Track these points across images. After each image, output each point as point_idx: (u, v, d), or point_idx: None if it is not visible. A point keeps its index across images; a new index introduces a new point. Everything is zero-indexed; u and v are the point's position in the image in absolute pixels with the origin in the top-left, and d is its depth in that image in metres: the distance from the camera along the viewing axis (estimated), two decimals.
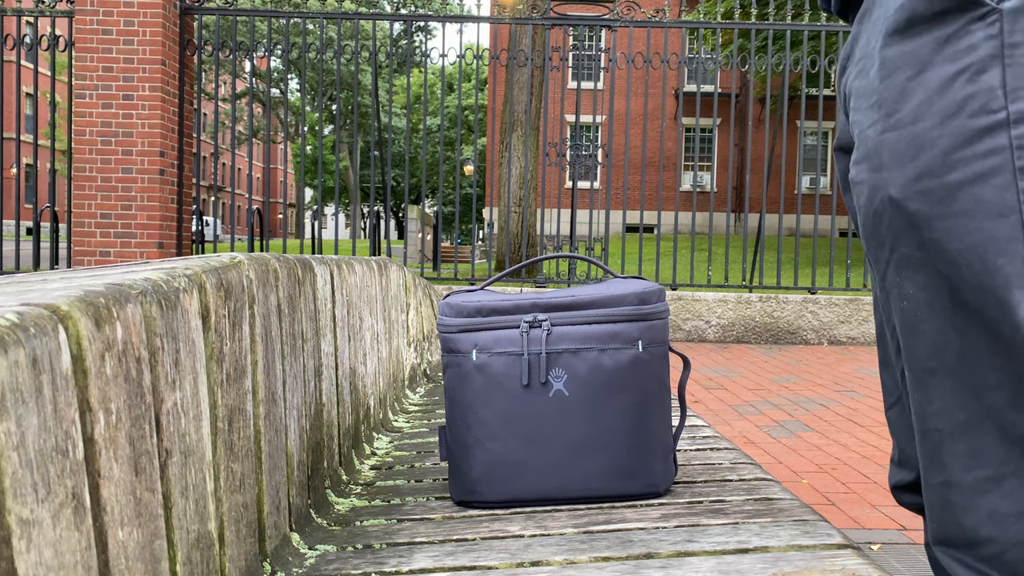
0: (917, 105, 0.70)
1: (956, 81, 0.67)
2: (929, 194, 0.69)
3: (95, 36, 6.36)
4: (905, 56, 0.71)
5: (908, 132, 0.70)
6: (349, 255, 2.10)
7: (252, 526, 0.85)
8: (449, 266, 11.01)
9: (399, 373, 2.04)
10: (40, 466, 0.45)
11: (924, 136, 0.69)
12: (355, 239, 9.08)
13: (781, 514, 1.03)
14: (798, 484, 2.74)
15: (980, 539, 0.71)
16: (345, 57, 6.95)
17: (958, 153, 0.67)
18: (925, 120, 0.69)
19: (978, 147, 0.66)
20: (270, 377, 0.93)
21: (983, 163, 0.66)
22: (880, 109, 0.73)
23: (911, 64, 0.70)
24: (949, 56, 0.67)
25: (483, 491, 1.13)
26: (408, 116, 7.85)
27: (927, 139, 0.69)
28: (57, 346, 0.48)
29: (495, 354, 1.13)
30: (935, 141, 0.68)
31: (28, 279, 0.70)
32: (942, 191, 0.68)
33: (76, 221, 6.44)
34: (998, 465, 0.70)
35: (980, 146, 0.66)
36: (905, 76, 0.71)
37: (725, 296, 6.63)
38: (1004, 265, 0.65)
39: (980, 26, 0.66)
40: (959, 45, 0.67)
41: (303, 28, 6.78)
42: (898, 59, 0.71)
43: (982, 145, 0.66)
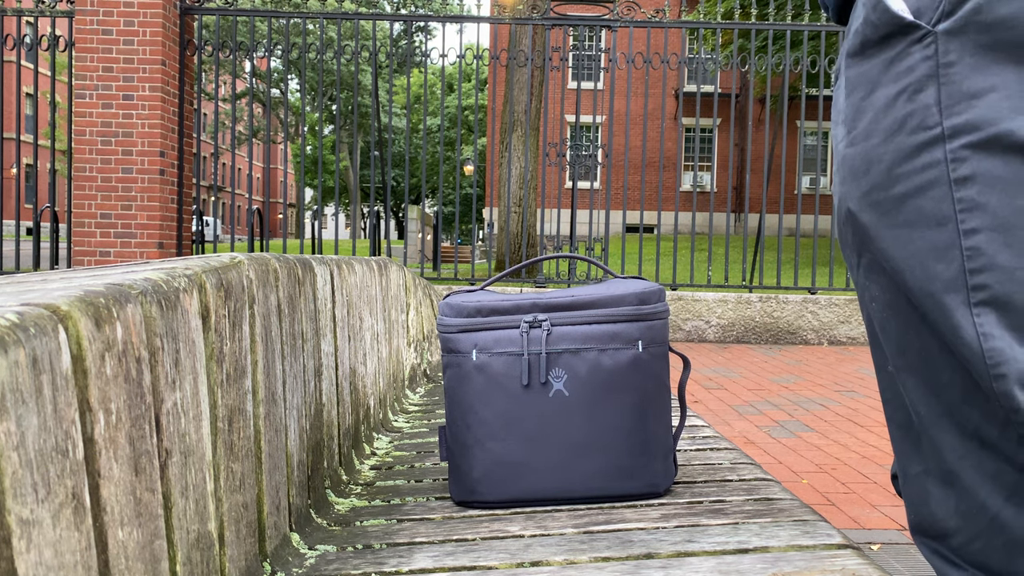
0: (868, 123, 0.75)
1: (898, 100, 0.72)
2: (877, 206, 0.74)
3: (95, 36, 6.36)
4: (860, 77, 0.76)
5: (862, 148, 0.76)
6: (349, 255, 2.10)
7: (252, 526, 0.85)
8: (449, 266, 11.02)
9: (399, 373, 2.04)
10: (40, 466, 0.45)
11: (873, 152, 0.74)
12: (355, 239, 9.08)
13: (781, 514, 1.03)
14: (798, 484, 2.74)
15: (948, 530, 0.76)
16: (345, 57, 6.95)
17: (900, 168, 0.72)
18: (874, 137, 0.74)
19: (917, 161, 0.71)
20: (270, 377, 0.93)
21: (922, 176, 0.70)
22: (843, 126, 0.79)
23: (864, 84, 0.76)
24: (893, 77, 0.73)
25: (483, 491, 1.13)
26: (408, 116, 7.86)
27: (875, 155, 0.74)
28: (57, 346, 0.48)
29: (495, 354, 1.13)
30: (881, 157, 0.73)
31: (28, 279, 0.70)
32: (888, 203, 0.73)
33: (76, 221, 6.44)
34: (957, 459, 0.74)
35: (919, 160, 0.70)
36: (859, 96, 0.76)
37: (725, 296, 6.63)
38: (942, 271, 0.70)
39: (918, 48, 0.71)
40: (901, 66, 0.72)
41: (303, 28, 6.78)
42: (855, 79, 0.77)
43: (920, 159, 0.70)
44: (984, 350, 0.68)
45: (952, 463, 0.75)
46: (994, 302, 0.68)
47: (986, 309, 0.68)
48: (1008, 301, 0.68)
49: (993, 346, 0.68)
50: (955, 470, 0.75)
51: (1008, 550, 0.72)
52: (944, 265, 0.70)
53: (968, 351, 0.69)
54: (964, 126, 0.68)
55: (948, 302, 0.70)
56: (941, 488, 0.77)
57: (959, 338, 0.70)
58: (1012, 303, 0.67)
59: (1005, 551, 0.72)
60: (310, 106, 25.13)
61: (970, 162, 0.68)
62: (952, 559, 0.76)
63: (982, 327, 0.68)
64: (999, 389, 0.68)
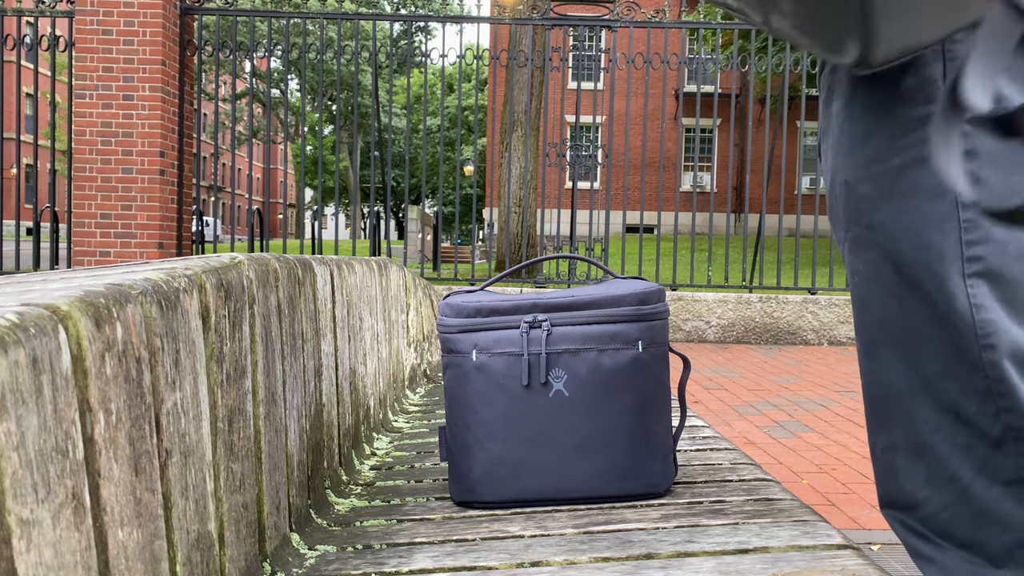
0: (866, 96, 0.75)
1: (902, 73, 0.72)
2: (875, 178, 0.75)
3: (95, 36, 6.36)
4: None
5: (861, 120, 0.76)
6: (349, 255, 2.10)
7: (252, 526, 0.85)
8: (449, 266, 11.02)
9: (399, 373, 2.04)
10: (40, 466, 0.45)
11: (873, 123, 0.75)
12: (355, 239, 9.08)
13: (781, 514, 1.03)
14: (798, 484, 2.74)
15: (917, 502, 0.77)
16: (345, 57, 6.95)
17: (901, 140, 0.72)
18: (873, 110, 0.74)
19: (918, 134, 0.71)
20: (270, 377, 0.93)
21: (923, 149, 0.71)
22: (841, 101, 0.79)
23: None
24: None
25: (483, 491, 1.13)
26: (408, 116, 7.85)
27: (875, 125, 0.74)
28: (57, 346, 0.48)
29: (495, 354, 1.13)
30: (880, 128, 0.74)
31: (28, 279, 0.70)
32: (886, 175, 0.74)
33: (76, 221, 6.44)
34: (931, 432, 0.75)
35: (920, 133, 0.71)
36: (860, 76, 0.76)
37: (725, 296, 6.63)
38: (940, 241, 0.70)
39: None
40: None
41: (303, 28, 6.78)
42: None
43: (922, 132, 0.71)
44: (976, 321, 0.69)
45: (925, 435, 0.75)
46: (988, 274, 0.69)
47: (980, 280, 0.69)
48: (1001, 273, 0.69)
49: (985, 317, 0.69)
50: (928, 443, 0.75)
51: (975, 520, 0.73)
52: (941, 236, 0.70)
53: (960, 321, 0.70)
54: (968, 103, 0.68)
55: (943, 272, 0.70)
56: (911, 460, 0.77)
57: (952, 308, 0.70)
58: (1004, 276, 0.68)
59: (972, 521, 0.73)
60: (310, 106, 25.12)
61: (972, 137, 0.68)
62: (919, 530, 0.77)
63: (975, 298, 0.69)
64: (987, 359, 0.69)
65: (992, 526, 0.72)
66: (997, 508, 0.71)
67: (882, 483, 0.82)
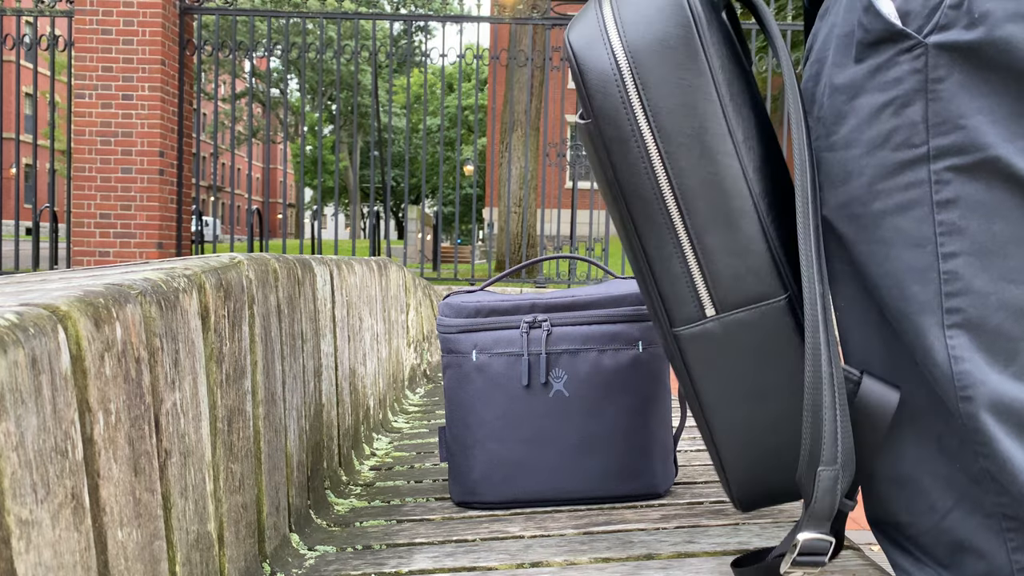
0: (849, 131, 0.73)
1: (884, 112, 0.70)
2: (855, 220, 0.73)
3: (95, 36, 6.36)
4: (846, 77, 0.74)
5: (841, 156, 0.74)
6: (349, 255, 2.10)
7: (252, 527, 0.85)
8: (449, 266, 11.02)
9: (399, 374, 2.04)
10: (39, 466, 0.45)
11: (853, 163, 0.73)
12: (355, 239, 9.08)
13: (781, 515, 1.03)
14: None
15: (901, 523, 0.78)
16: (345, 57, 6.95)
17: (882, 184, 0.71)
18: (855, 147, 0.73)
19: (900, 179, 0.69)
20: (269, 378, 0.92)
21: (904, 195, 0.69)
22: (821, 124, 0.77)
23: (849, 88, 0.74)
24: (879, 85, 0.71)
25: (483, 492, 1.13)
26: (408, 116, 7.85)
27: (856, 167, 0.73)
28: (56, 346, 0.48)
29: (495, 355, 1.13)
30: (863, 170, 0.72)
31: (27, 279, 0.70)
32: (867, 218, 0.72)
33: (75, 221, 6.44)
34: (913, 465, 0.75)
35: (902, 178, 0.69)
36: (842, 99, 0.74)
37: None
38: (918, 292, 0.69)
39: (907, 58, 0.69)
40: (888, 76, 0.70)
41: (303, 28, 6.78)
42: (840, 79, 0.75)
43: (903, 178, 0.69)
44: (954, 372, 0.68)
45: (907, 467, 0.76)
46: (967, 325, 0.68)
47: (959, 332, 0.68)
48: (980, 325, 0.68)
49: (963, 369, 0.68)
50: (910, 474, 0.76)
51: (952, 547, 0.74)
52: (920, 286, 0.69)
53: (938, 371, 0.70)
54: (950, 148, 0.67)
55: (922, 323, 0.70)
56: (891, 489, 0.78)
57: (930, 358, 0.70)
58: (984, 327, 0.68)
59: (949, 548, 0.74)
60: (310, 106, 25.12)
61: (953, 185, 0.67)
62: (904, 545, 0.78)
63: (954, 349, 0.68)
64: (964, 411, 0.69)
65: (968, 554, 0.73)
66: (973, 539, 0.72)
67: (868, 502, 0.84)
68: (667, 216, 0.68)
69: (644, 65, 0.67)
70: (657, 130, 0.66)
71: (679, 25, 0.67)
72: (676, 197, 0.67)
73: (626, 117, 0.67)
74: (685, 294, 0.70)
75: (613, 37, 0.67)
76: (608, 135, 0.67)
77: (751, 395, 0.71)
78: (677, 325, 0.70)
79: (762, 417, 0.71)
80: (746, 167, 0.67)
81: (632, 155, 0.67)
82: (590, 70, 0.68)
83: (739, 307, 0.69)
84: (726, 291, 0.68)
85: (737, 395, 0.71)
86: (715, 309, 0.69)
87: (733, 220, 0.67)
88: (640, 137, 0.67)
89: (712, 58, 0.67)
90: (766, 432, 0.72)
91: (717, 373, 0.71)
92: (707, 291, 0.69)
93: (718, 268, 0.68)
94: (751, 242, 0.67)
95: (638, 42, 0.67)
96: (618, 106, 0.67)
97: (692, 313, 0.70)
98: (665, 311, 0.71)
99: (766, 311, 0.68)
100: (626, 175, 0.68)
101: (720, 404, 0.72)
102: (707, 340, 0.70)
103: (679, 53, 0.67)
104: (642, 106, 0.67)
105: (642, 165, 0.67)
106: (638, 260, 0.71)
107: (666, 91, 0.66)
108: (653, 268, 0.70)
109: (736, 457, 0.73)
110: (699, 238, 0.68)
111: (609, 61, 0.67)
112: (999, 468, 0.68)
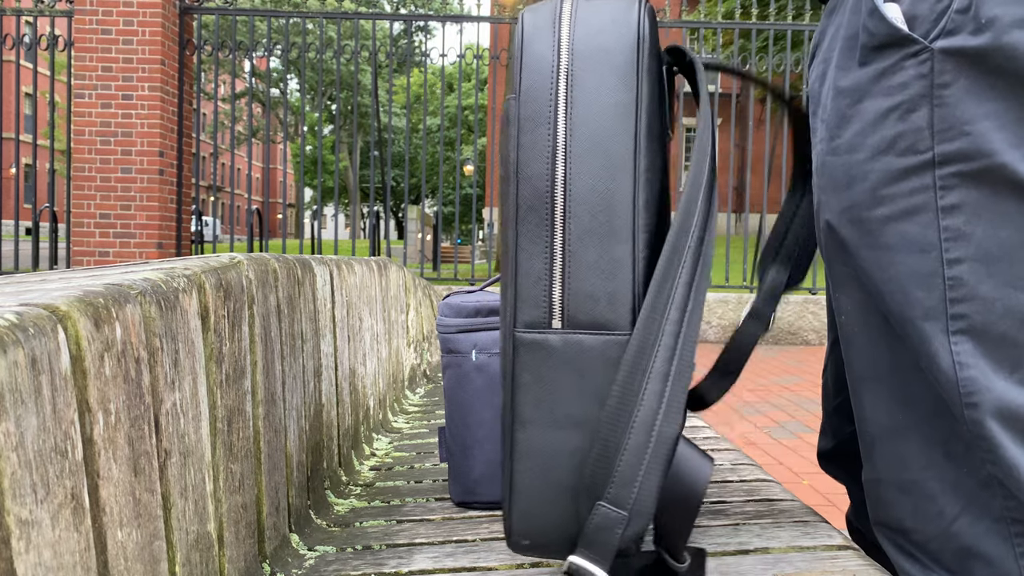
0: (853, 135, 0.72)
1: (888, 117, 0.70)
2: (859, 224, 0.73)
3: (94, 36, 6.36)
4: (850, 81, 0.73)
5: (844, 160, 0.73)
6: (349, 255, 2.10)
7: (251, 527, 0.85)
8: (449, 266, 11.01)
9: (399, 374, 2.04)
10: (39, 467, 0.45)
11: (857, 168, 0.72)
12: (355, 239, 9.08)
13: (782, 515, 1.03)
14: (798, 485, 2.74)
15: (907, 528, 0.77)
16: (345, 57, 6.95)
17: (886, 189, 0.70)
18: (859, 152, 0.72)
19: (905, 185, 0.69)
20: (269, 378, 0.92)
21: (909, 201, 0.69)
22: (825, 127, 0.77)
23: (853, 92, 0.73)
24: (884, 90, 0.70)
25: (483, 492, 1.13)
26: (408, 116, 7.84)
27: (860, 171, 0.72)
28: (56, 346, 0.48)
29: (495, 354, 1.13)
30: (867, 175, 0.71)
31: (27, 279, 0.70)
32: (870, 223, 0.72)
33: (75, 221, 6.44)
34: (920, 470, 0.75)
35: (907, 184, 0.69)
36: (846, 103, 0.73)
37: (726, 297, 6.62)
38: (923, 298, 0.69)
39: (912, 63, 0.68)
40: (893, 80, 0.70)
41: (303, 28, 6.78)
42: (844, 82, 0.74)
43: (909, 183, 0.69)
44: (959, 379, 0.68)
45: (914, 472, 0.75)
46: (972, 331, 0.68)
47: (964, 338, 0.68)
48: (985, 331, 0.67)
49: (968, 375, 0.68)
50: (916, 479, 0.75)
51: (960, 553, 0.73)
52: (925, 292, 0.69)
53: (943, 378, 0.69)
54: (956, 154, 0.67)
55: (926, 329, 0.69)
56: (897, 495, 0.78)
57: (935, 364, 0.69)
58: (989, 333, 0.67)
59: (957, 554, 0.74)
60: (309, 106, 25.13)
61: (958, 191, 0.67)
62: (911, 551, 0.78)
63: (959, 356, 0.68)
64: (970, 417, 0.68)
65: (976, 560, 0.72)
66: (981, 545, 0.72)
67: (872, 506, 0.83)
68: (551, 211, 0.65)
69: (581, 63, 0.66)
70: (571, 126, 0.66)
71: (625, 42, 0.66)
72: (565, 195, 0.65)
73: (548, 102, 0.66)
74: (539, 297, 0.66)
75: (563, 29, 0.67)
76: (525, 114, 0.67)
77: (569, 422, 0.66)
78: (519, 327, 0.66)
79: (572, 449, 0.66)
80: (638, 195, 0.65)
81: (540, 141, 0.66)
82: (531, 51, 0.67)
83: (584, 329, 0.65)
84: (577, 308, 0.65)
85: (554, 417, 0.66)
86: (561, 322, 0.65)
87: (609, 240, 0.65)
88: (554, 125, 0.66)
89: (643, 84, 0.66)
90: (571, 467, 0.66)
91: (542, 388, 0.66)
92: (560, 301, 0.65)
93: (579, 281, 0.65)
94: (618, 268, 0.64)
95: (583, 41, 0.67)
96: (545, 89, 0.66)
97: (538, 318, 0.66)
98: (515, 308, 0.67)
99: (608, 341, 0.65)
100: (527, 158, 0.66)
101: (534, 422, 0.66)
102: (543, 351, 0.66)
103: (617, 66, 0.66)
104: (566, 97, 0.66)
105: (545, 153, 0.66)
106: (508, 250, 0.67)
107: (592, 94, 0.66)
108: (519, 260, 0.66)
109: (530, 484, 0.67)
110: (572, 245, 0.65)
111: (552, 47, 0.67)
112: (1005, 474, 0.68)
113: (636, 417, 0.62)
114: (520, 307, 0.67)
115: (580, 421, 0.66)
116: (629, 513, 0.62)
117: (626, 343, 0.65)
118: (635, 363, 0.63)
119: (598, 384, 0.65)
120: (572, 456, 0.66)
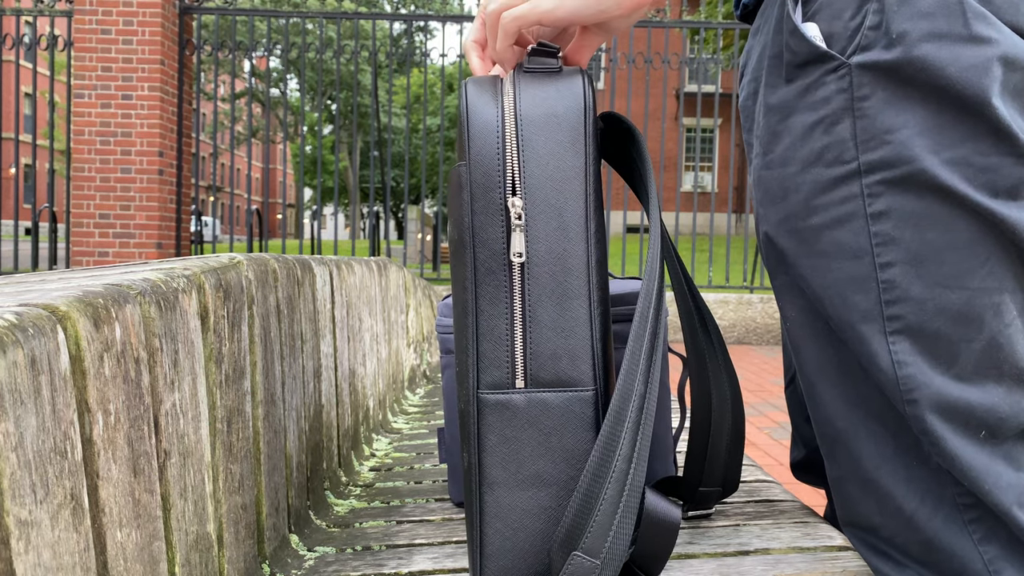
0: (784, 149, 0.75)
1: (815, 131, 0.72)
2: (795, 234, 0.75)
3: (94, 36, 6.36)
4: (778, 98, 0.76)
5: (778, 174, 0.76)
6: (348, 256, 2.10)
7: (251, 528, 0.85)
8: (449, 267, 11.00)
9: (399, 374, 2.04)
10: (39, 467, 0.45)
11: (790, 181, 0.75)
12: (355, 239, 9.08)
13: (782, 516, 1.02)
14: (799, 486, 2.74)
15: (875, 526, 0.79)
16: (345, 57, 6.95)
17: (818, 199, 0.73)
18: (791, 165, 0.75)
19: (834, 194, 0.72)
20: (269, 378, 0.92)
21: (840, 209, 0.72)
22: (759, 143, 0.79)
23: (781, 108, 0.76)
24: (809, 105, 0.73)
25: None
26: (408, 116, 7.85)
27: (792, 184, 0.75)
28: (56, 346, 0.48)
29: None
30: (799, 187, 0.74)
31: (26, 279, 0.70)
32: (806, 233, 0.74)
33: (75, 221, 6.44)
34: (874, 468, 0.77)
35: (836, 193, 0.72)
36: (776, 119, 0.76)
37: (726, 297, 6.63)
38: (860, 301, 0.72)
39: (833, 78, 0.71)
40: (816, 95, 0.72)
41: (303, 28, 6.78)
42: (773, 99, 0.77)
43: (838, 193, 0.72)
44: (899, 377, 0.71)
45: (870, 471, 0.77)
46: (908, 331, 0.70)
47: (901, 337, 0.71)
48: (921, 330, 0.70)
49: (907, 373, 0.70)
50: (872, 477, 0.77)
51: (924, 546, 0.75)
52: (861, 296, 0.72)
53: (884, 377, 0.72)
54: (879, 162, 0.69)
55: (865, 331, 0.72)
56: (860, 492, 0.79)
57: (875, 364, 0.72)
58: (924, 332, 0.70)
59: (922, 547, 0.76)
60: (309, 106, 25.13)
61: (885, 197, 0.70)
62: (882, 548, 0.79)
63: (897, 355, 0.71)
64: (911, 413, 0.71)
65: (940, 551, 0.74)
66: (941, 535, 0.74)
67: (839, 505, 0.84)
68: (509, 274, 0.66)
69: (529, 128, 0.67)
70: (525, 191, 0.66)
71: (573, 108, 0.67)
72: (524, 258, 0.66)
73: (497, 168, 0.66)
74: (502, 358, 0.66)
75: (507, 96, 0.68)
76: (477, 180, 0.67)
77: (536, 480, 0.67)
78: (483, 388, 0.67)
79: (542, 507, 0.67)
80: (591, 255, 0.67)
81: (494, 205, 0.66)
82: (478, 118, 0.67)
83: (548, 387, 0.66)
84: (540, 366, 0.66)
85: (522, 477, 0.67)
86: (524, 382, 0.66)
87: (568, 299, 0.66)
88: (505, 191, 0.67)
89: (591, 149, 0.67)
90: (540, 525, 0.67)
91: (508, 448, 0.67)
92: (523, 361, 0.66)
93: (540, 341, 0.66)
94: (577, 325, 0.66)
95: (530, 107, 0.67)
96: (494, 155, 0.66)
97: (502, 379, 0.66)
98: (477, 370, 0.67)
99: (572, 398, 0.66)
100: (482, 223, 0.66)
101: (501, 483, 0.67)
102: (508, 411, 0.66)
103: (565, 131, 0.67)
104: (518, 162, 0.66)
105: (500, 218, 0.66)
106: (467, 313, 0.67)
107: (543, 159, 0.66)
108: (479, 322, 0.66)
109: (500, 546, 0.68)
110: (532, 305, 0.66)
111: (498, 114, 0.67)
112: (949, 465, 0.71)
113: (615, 467, 0.63)
114: (483, 368, 0.67)
115: (546, 479, 0.67)
116: (602, 562, 0.63)
117: (591, 398, 0.66)
118: (618, 415, 0.64)
119: (563, 440, 0.66)
120: (540, 514, 0.67)
